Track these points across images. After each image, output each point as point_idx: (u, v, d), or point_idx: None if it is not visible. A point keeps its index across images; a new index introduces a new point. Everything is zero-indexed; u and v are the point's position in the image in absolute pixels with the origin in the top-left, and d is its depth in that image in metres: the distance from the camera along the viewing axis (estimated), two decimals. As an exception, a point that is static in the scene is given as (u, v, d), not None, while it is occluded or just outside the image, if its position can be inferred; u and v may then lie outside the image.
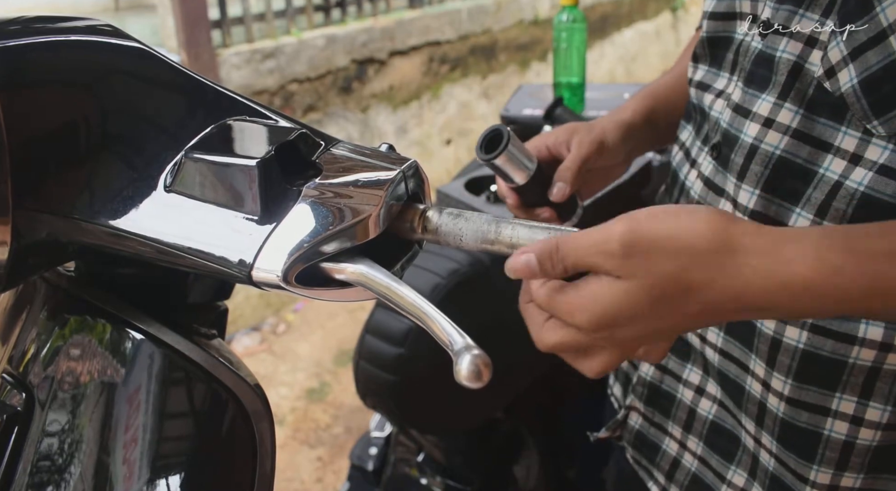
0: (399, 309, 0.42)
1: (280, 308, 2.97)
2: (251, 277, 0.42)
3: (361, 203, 0.44)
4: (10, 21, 0.43)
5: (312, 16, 3.17)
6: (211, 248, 0.43)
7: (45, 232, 0.45)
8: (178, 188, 0.44)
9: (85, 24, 0.46)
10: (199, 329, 0.51)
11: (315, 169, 0.46)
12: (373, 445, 1.48)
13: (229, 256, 0.42)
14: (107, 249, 0.46)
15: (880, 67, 0.52)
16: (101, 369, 0.48)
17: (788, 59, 0.59)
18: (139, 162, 0.46)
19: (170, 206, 0.44)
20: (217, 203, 0.44)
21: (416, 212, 0.48)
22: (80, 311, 0.50)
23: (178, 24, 2.62)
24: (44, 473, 0.46)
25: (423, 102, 3.68)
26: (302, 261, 0.42)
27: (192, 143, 0.45)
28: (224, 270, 0.43)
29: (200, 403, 0.48)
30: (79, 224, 0.44)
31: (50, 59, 0.43)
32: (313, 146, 0.47)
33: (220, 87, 0.49)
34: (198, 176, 0.44)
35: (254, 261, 0.42)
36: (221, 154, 0.44)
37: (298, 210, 0.43)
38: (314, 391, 2.51)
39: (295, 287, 0.42)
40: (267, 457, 0.49)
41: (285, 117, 0.49)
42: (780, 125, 0.60)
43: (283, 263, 0.42)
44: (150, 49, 0.47)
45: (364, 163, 0.47)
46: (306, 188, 0.44)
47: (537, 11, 4.43)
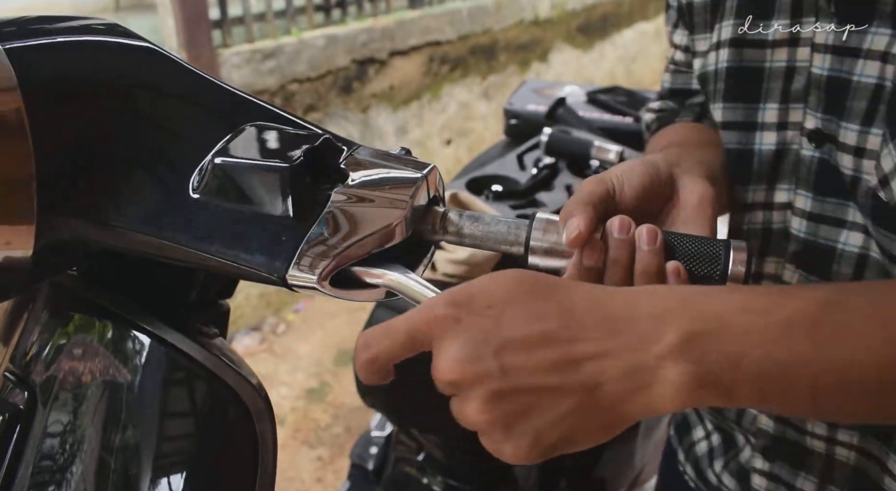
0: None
1: (280, 308, 2.97)
2: (286, 280, 0.43)
3: (388, 207, 0.46)
4: (29, 20, 0.44)
5: (313, 16, 3.17)
6: (244, 251, 0.44)
7: (70, 235, 0.45)
8: (206, 192, 0.45)
9: (99, 26, 0.46)
10: (201, 328, 0.51)
11: (340, 173, 0.47)
12: (373, 445, 1.48)
13: (264, 259, 0.43)
14: (134, 252, 0.46)
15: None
16: (103, 368, 0.48)
17: (846, 172, 0.55)
18: (165, 165, 0.46)
19: (199, 210, 0.45)
20: (247, 206, 0.44)
21: (437, 215, 0.49)
22: (82, 309, 0.50)
23: (178, 23, 2.62)
24: (46, 471, 0.47)
25: (423, 102, 3.68)
26: (336, 264, 0.43)
27: (218, 148, 0.45)
28: (258, 273, 0.44)
29: (202, 402, 0.49)
30: (107, 229, 0.45)
31: (74, 61, 0.44)
32: (336, 151, 0.48)
33: (236, 89, 0.49)
34: (226, 180, 0.44)
35: (289, 265, 0.43)
36: (248, 158, 0.44)
37: (330, 214, 0.44)
38: (314, 391, 2.51)
39: (329, 290, 0.44)
40: (268, 456, 0.49)
41: (304, 121, 0.50)
42: (857, 224, 0.57)
43: (320, 266, 0.43)
44: (167, 52, 0.47)
45: (387, 167, 0.48)
46: (334, 193, 0.45)
47: (537, 11, 4.43)
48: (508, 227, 0.49)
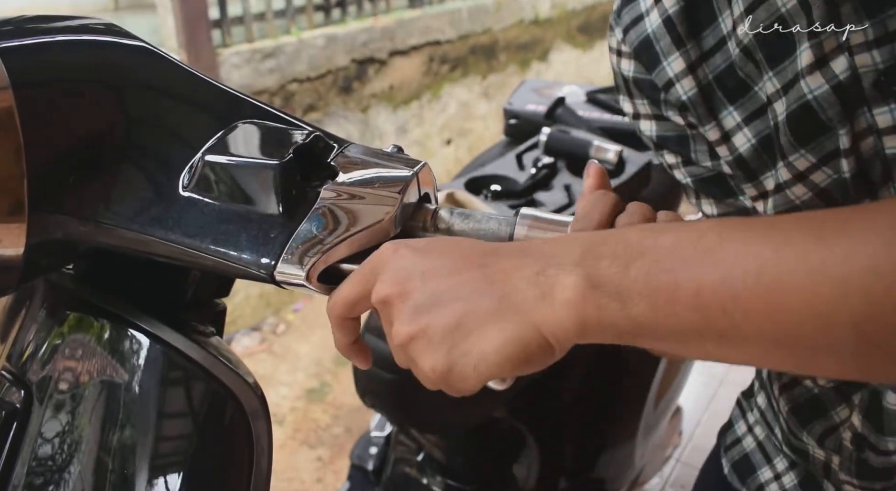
0: None
1: (280, 308, 2.97)
2: (274, 276, 0.43)
3: (378, 204, 0.46)
4: (25, 20, 0.44)
5: (312, 15, 3.17)
6: (233, 248, 0.44)
7: (62, 233, 0.45)
8: (196, 190, 0.45)
9: (95, 26, 0.46)
10: (197, 327, 0.52)
11: (330, 170, 0.47)
12: (373, 445, 1.48)
13: (252, 256, 0.43)
14: (125, 250, 0.46)
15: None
16: (99, 367, 0.48)
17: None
18: (155, 164, 0.46)
19: (188, 207, 0.45)
20: (237, 204, 0.44)
21: (428, 212, 0.50)
22: (78, 308, 0.50)
23: (177, 23, 2.62)
24: (42, 469, 0.47)
25: (423, 102, 3.68)
26: (324, 261, 0.43)
27: (208, 146, 0.45)
28: (246, 270, 0.44)
29: (199, 401, 0.49)
30: (98, 226, 0.45)
31: (67, 60, 0.44)
32: (327, 148, 0.48)
33: (228, 88, 0.49)
34: (217, 177, 0.45)
35: (277, 261, 0.43)
36: (238, 156, 0.44)
37: (318, 211, 0.44)
38: (314, 391, 2.51)
39: (317, 286, 0.44)
40: (263, 455, 0.50)
41: (295, 119, 0.50)
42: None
43: (307, 263, 0.43)
44: (160, 51, 0.47)
45: (377, 164, 0.48)
46: (324, 190, 0.45)
47: (538, 11, 4.43)
48: (499, 224, 0.49)
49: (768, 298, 0.37)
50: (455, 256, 0.42)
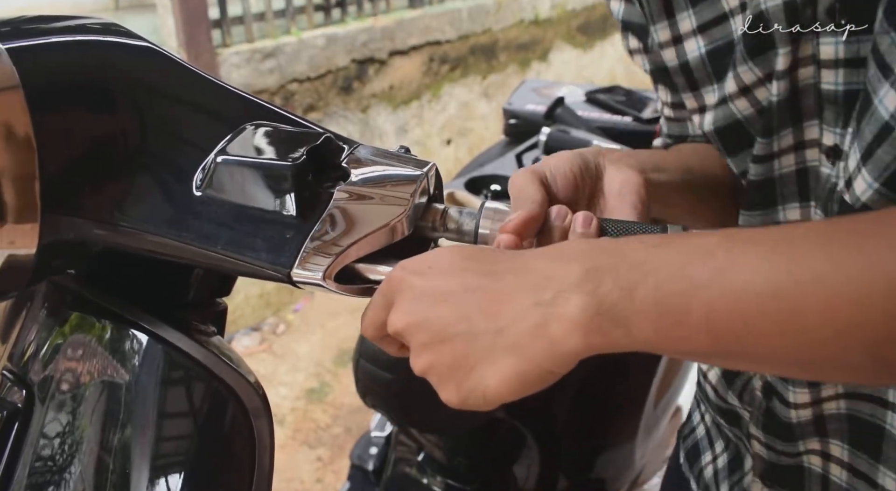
0: None
1: (280, 308, 2.97)
2: (291, 277, 0.44)
3: (390, 204, 0.46)
4: (27, 20, 0.44)
5: (312, 15, 3.17)
6: (250, 249, 0.44)
7: (74, 234, 0.45)
8: (210, 191, 0.45)
9: (97, 25, 0.46)
10: (198, 326, 0.52)
11: (342, 172, 0.47)
12: (373, 445, 1.48)
13: (269, 257, 0.44)
14: (139, 251, 0.46)
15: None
16: (101, 367, 0.48)
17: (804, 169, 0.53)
18: (168, 164, 0.46)
19: (203, 208, 0.45)
20: (251, 205, 0.45)
21: (438, 212, 0.50)
22: (80, 308, 0.50)
23: (178, 23, 2.62)
24: (43, 469, 0.47)
25: (423, 102, 3.68)
26: (339, 262, 0.44)
27: (220, 147, 0.46)
28: (263, 271, 0.44)
29: (200, 401, 0.49)
30: (112, 228, 0.45)
31: (75, 60, 0.44)
32: (338, 149, 0.49)
33: (235, 89, 0.49)
34: (231, 178, 0.45)
35: (294, 262, 0.43)
36: (252, 157, 0.45)
37: (333, 212, 0.45)
38: (314, 391, 2.51)
39: (334, 286, 0.44)
40: (265, 454, 0.50)
41: (303, 120, 0.50)
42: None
43: (325, 263, 0.43)
44: (166, 52, 0.48)
45: (387, 165, 0.49)
46: (337, 191, 0.46)
47: (538, 11, 4.43)
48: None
49: (783, 321, 0.36)
50: (454, 278, 0.42)
